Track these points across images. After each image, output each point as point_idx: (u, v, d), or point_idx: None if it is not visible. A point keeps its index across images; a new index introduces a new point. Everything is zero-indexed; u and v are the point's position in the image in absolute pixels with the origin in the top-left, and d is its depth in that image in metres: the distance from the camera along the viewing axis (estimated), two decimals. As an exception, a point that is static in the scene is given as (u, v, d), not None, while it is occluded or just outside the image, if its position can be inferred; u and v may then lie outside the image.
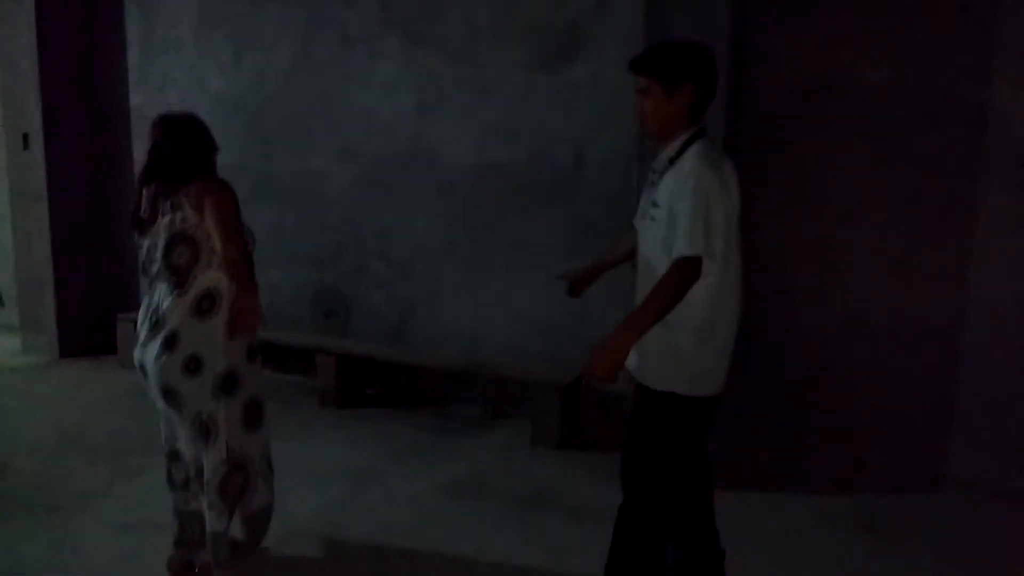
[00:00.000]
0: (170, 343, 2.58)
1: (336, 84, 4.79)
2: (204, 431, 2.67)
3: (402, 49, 4.57)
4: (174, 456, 2.83)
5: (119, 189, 5.55)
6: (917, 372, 3.69)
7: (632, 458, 2.55)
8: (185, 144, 2.66)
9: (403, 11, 4.53)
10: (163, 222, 2.60)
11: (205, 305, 2.62)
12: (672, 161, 2.35)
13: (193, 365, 2.60)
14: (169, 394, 2.62)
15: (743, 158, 3.76)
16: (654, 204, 2.37)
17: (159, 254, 2.61)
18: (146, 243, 2.67)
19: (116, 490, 3.55)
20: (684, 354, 2.33)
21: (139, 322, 2.71)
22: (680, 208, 2.24)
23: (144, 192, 2.67)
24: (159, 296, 2.63)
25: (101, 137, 5.54)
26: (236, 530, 2.82)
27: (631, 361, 2.43)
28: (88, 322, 5.54)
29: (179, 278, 2.59)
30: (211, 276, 2.62)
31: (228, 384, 2.68)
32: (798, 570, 2.99)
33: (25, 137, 5.33)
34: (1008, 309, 3.51)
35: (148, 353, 2.62)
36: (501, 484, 3.66)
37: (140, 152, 5.39)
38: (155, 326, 2.61)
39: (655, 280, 2.35)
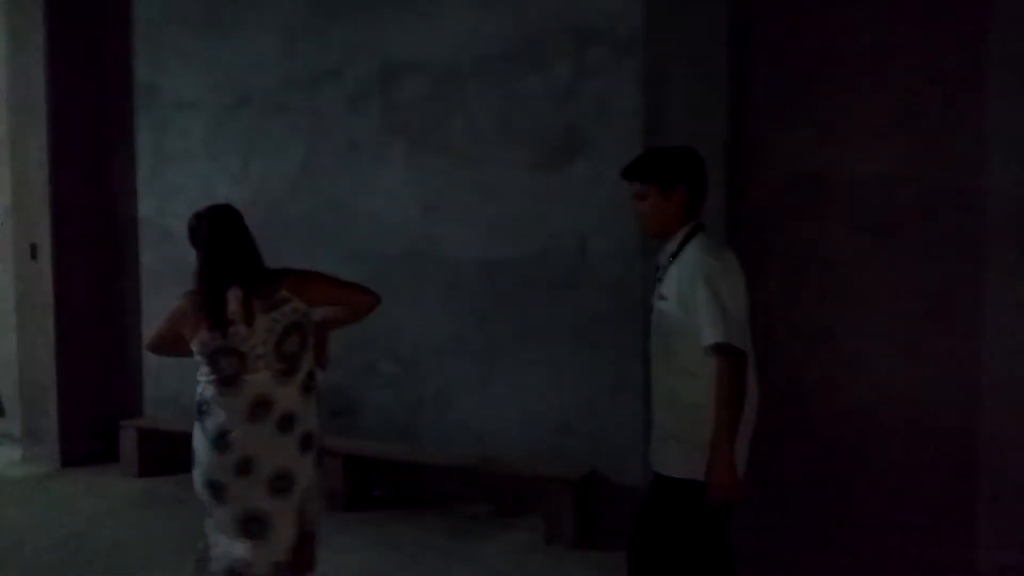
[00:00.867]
0: (286, 425, 2.64)
1: (343, 189, 4.92)
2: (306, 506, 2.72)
3: (407, 154, 4.72)
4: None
5: (125, 297, 5.61)
6: (937, 459, 3.65)
7: (644, 553, 2.52)
8: (250, 237, 2.71)
9: (407, 118, 4.71)
10: (269, 317, 2.60)
11: (310, 384, 2.72)
12: (675, 255, 2.50)
13: (307, 443, 2.70)
14: (284, 478, 2.64)
15: (744, 251, 3.84)
16: (661, 297, 2.50)
17: (265, 349, 2.60)
18: (238, 340, 2.60)
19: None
20: (704, 440, 2.35)
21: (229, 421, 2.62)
22: (696, 300, 2.36)
23: (230, 293, 2.61)
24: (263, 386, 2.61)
25: (109, 246, 5.63)
26: None
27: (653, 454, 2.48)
28: (90, 431, 5.47)
29: (290, 365, 2.64)
30: (310, 358, 2.74)
31: (324, 455, 2.83)
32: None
33: (33, 248, 5.41)
34: (1022, 390, 3.52)
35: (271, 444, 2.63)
36: (518, 587, 3.57)
37: (150, 259, 5.51)
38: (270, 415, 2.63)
39: (666, 369, 2.48)
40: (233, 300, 2.60)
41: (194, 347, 2.63)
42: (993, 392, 3.56)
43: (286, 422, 2.63)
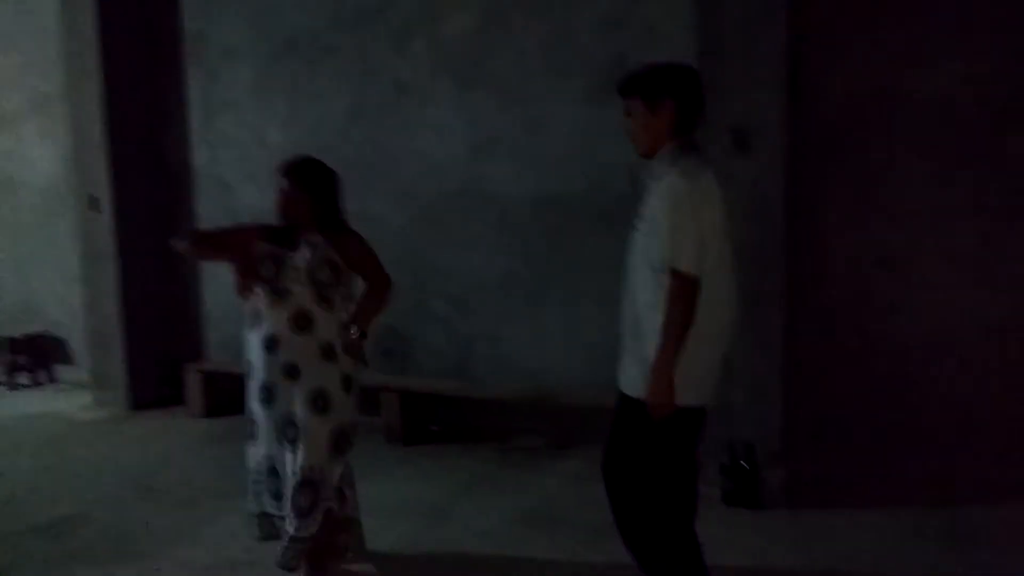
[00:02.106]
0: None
1: (391, 130, 4.92)
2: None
3: (454, 92, 4.69)
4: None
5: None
6: (1003, 381, 3.58)
7: (615, 467, 2.58)
8: None
9: (454, 55, 4.67)
10: None
11: None
12: (658, 176, 2.42)
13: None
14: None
15: (809, 171, 3.77)
16: (636, 227, 2.47)
17: None
18: None
19: (194, 534, 3.57)
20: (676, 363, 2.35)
21: None
22: (662, 224, 2.32)
23: None
24: None
25: (167, 196, 5.75)
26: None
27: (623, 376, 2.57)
28: (157, 375, 5.66)
29: None
30: None
31: None
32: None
33: (94, 199, 5.56)
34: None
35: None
36: (575, 513, 3.61)
37: (206, 208, 5.62)
38: None
39: (632, 294, 2.50)
40: None
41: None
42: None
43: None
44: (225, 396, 5.23)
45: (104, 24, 5.37)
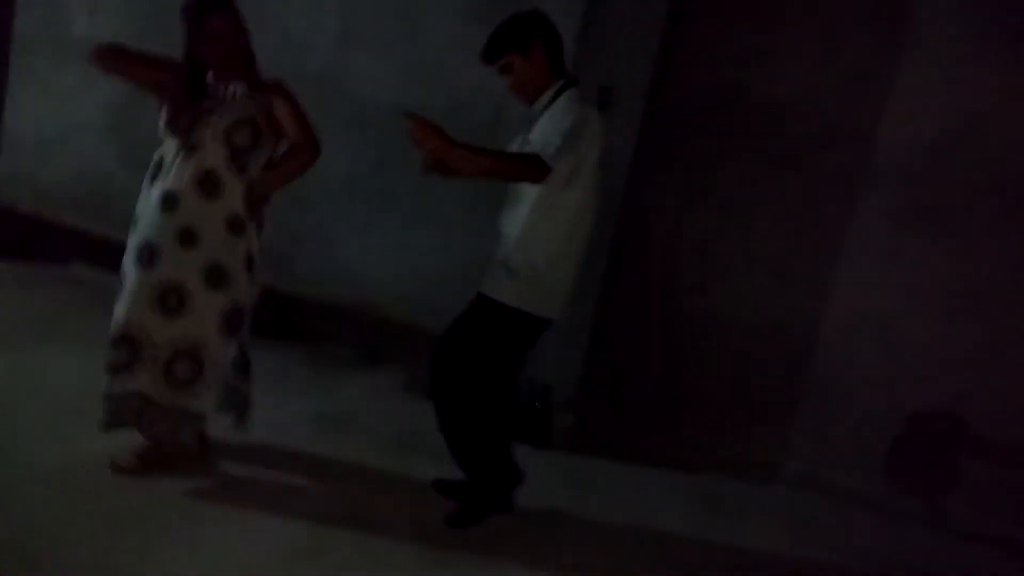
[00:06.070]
0: None
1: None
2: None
3: (331, -31, 4.40)
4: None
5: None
6: (772, 371, 3.98)
7: (445, 357, 2.76)
8: None
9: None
10: None
11: None
12: (546, 107, 2.62)
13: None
14: None
15: (652, 155, 3.91)
16: (527, 142, 2.62)
17: None
18: None
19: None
20: (535, 274, 2.59)
21: None
22: (554, 126, 2.48)
23: None
24: None
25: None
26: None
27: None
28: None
29: None
30: None
31: None
32: (641, 529, 3.17)
33: None
34: (861, 321, 3.83)
35: None
36: (370, 423, 3.66)
37: (23, 23, 4.96)
38: None
39: (511, 206, 2.68)
40: None
41: None
42: (838, 319, 3.86)
43: None
44: (18, 238, 4.74)
45: None
